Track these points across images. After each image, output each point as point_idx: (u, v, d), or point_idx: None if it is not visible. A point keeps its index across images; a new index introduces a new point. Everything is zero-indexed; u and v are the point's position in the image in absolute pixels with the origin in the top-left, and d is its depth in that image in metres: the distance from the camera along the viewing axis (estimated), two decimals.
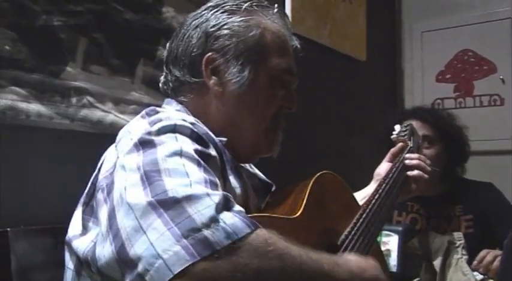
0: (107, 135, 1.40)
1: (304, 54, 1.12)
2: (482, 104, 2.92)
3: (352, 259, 0.88)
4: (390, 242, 1.61)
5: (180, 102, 1.04)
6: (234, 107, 1.01)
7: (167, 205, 0.71)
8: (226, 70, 1.00)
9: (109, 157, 0.93)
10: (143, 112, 0.96)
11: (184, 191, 0.72)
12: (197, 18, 1.04)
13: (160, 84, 1.10)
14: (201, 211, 0.69)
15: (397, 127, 1.57)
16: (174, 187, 0.73)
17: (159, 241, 0.68)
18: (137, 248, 0.69)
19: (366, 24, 2.73)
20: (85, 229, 0.91)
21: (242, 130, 1.02)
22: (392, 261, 1.58)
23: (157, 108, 0.98)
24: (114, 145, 0.95)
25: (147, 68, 1.56)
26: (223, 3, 1.04)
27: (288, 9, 2.17)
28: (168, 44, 1.09)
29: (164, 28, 1.62)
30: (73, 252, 0.92)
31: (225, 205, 0.73)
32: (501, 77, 2.85)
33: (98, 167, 0.96)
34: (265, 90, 1.02)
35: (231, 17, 1.00)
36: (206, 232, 0.68)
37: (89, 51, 1.40)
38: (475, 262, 1.58)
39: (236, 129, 1.01)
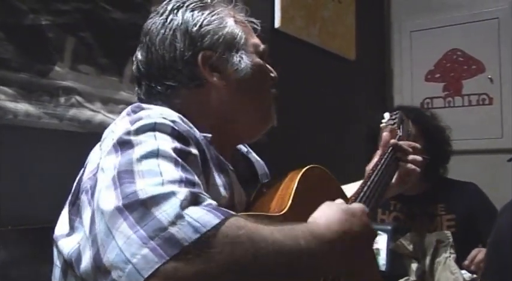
0: (96, 134, 1.39)
1: (293, 53, 1.12)
2: (471, 103, 2.93)
3: (332, 223, 0.84)
4: (379, 241, 1.62)
5: (163, 100, 1.01)
6: (241, 93, 1.02)
7: (132, 207, 0.70)
8: (224, 64, 1.01)
9: (93, 157, 0.93)
10: (128, 109, 0.95)
11: (154, 190, 0.71)
12: (165, 24, 1.02)
13: (137, 97, 1.06)
14: (166, 210, 0.68)
15: (387, 115, 1.56)
16: (144, 186, 0.72)
17: (126, 245, 0.67)
18: (109, 254, 0.68)
19: (355, 24, 2.73)
20: (72, 229, 0.91)
21: (249, 111, 1.05)
22: (381, 260, 1.59)
23: (143, 105, 0.97)
24: (99, 144, 0.95)
25: None
26: (183, 2, 1.03)
27: (277, 9, 2.17)
28: (139, 57, 1.06)
29: None
30: (60, 251, 0.92)
31: (192, 201, 0.71)
32: (489, 76, 2.87)
33: (83, 167, 0.96)
34: (261, 67, 1.06)
35: (203, 14, 1.01)
36: (172, 230, 0.66)
37: (77, 51, 1.40)
38: (466, 261, 1.59)
39: (241, 114, 1.03)
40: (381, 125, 1.52)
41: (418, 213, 1.92)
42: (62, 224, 0.95)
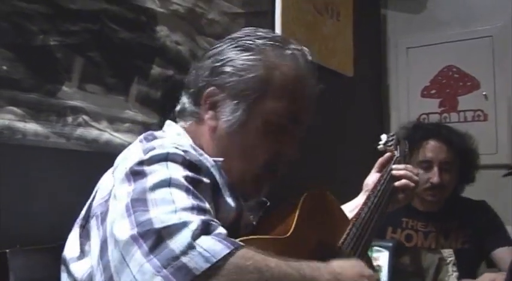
0: (102, 153, 1.43)
1: None
2: (466, 120, 2.96)
3: (333, 262, 0.89)
4: (380, 258, 1.64)
5: (182, 126, 1.06)
6: (224, 143, 1.00)
7: (147, 236, 0.72)
8: (221, 108, 1.00)
9: (105, 183, 0.95)
10: (141, 136, 0.97)
11: (168, 219, 0.73)
12: (214, 48, 1.05)
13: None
14: (179, 240, 0.71)
15: (384, 137, 1.59)
16: (158, 214, 0.74)
17: (140, 273, 0.70)
18: None
19: (353, 41, 2.77)
20: (82, 253, 0.93)
21: (231, 166, 0.99)
22: (383, 277, 1.60)
23: (155, 133, 1.00)
24: (111, 170, 0.96)
25: (141, 87, 1.57)
26: (241, 37, 1.03)
27: (278, 24, 2.20)
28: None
29: (158, 47, 1.64)
30: (70, 274, 0.93)
31: (203, 230, 0.73)
32: (484, 93, 2.90)
33: (94, 192, 0.98)
34: (256, 133, 0.99)
35: (240, 54, 1.00)
36: (184, 259, 0.69)
37: (84, 70, 1.42)
38: None
39: (228, 160, 0.98)
40: (379, 147, 1.56)
41: (434, 230, 1.94)
42: (72, 247, 0.96)
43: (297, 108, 1.02)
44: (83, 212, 0.97)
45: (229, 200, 0.95)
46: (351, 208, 1.33)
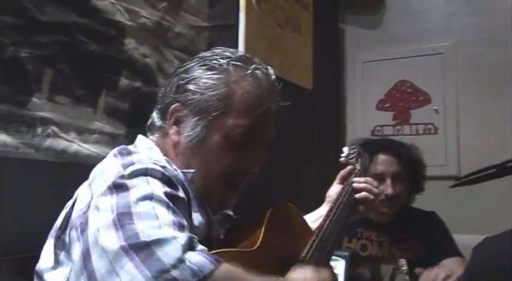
0: (71, 164, 1.45)
1: None
2: (418, 132, 3.10)
3: (293, 275, 0.96)
4: (337, 267, 1.71)
5: (151, 140, 1.11)
6: (186, 158, 1.05)
7: (138, 248, 0.77)
8: (184, 122, 1.05)
9: (82, 195, 0.97)
10: (115, 151, 1.01)
11: (154, 233, 0.78)
12: (183, 66, 1.10)
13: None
14: (169, 253, 0.76)
15: (345, 149, 1.64)
16: (144, 229, 0.79)
17: None
18: None
19: (312, 54, 2.86)
20: (57, 263, 0.95)
21: (198, 176, 1.04)
22: None
23: (129, 148, 1.03)
24: (87, 183, 0.99)
25: (109, 98, 1.60)
26: (208, 57, 1.08)
27: (241, 41, 2.26)
28: None
29: (126, 59, 1.67)
30: None
31: (190, 245, 0.79)
32: (435, 107, 3.04)
33: (71, 204, 1.00)
34: (215, 148, 1.04)
35: (204, 73, 1.04)
36: (174, 273, 0.74)
37: (54, 82, 1.44)
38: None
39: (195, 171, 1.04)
40: (341, 159, 1.63)
41: (388, 240, 2.04)
42: (46, 257, 0.98)
43: (257, 125, 1.06)
44: (58, 223, 0.99)
45: (199, 214, 1.00)
46: (313, 219, 1.38)
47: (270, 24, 2.48)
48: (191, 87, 1.04)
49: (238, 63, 1.06)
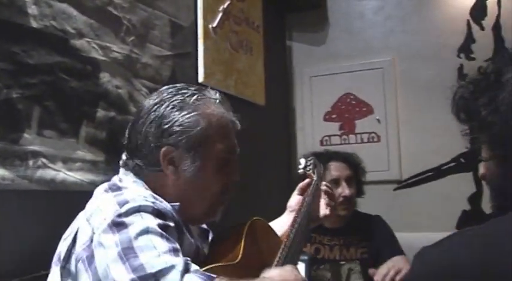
0: (59, 192, 1.60)
1: None
2: (362, 141, 3.34)
3: (274, 275, 1.14)
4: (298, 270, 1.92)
5: (134, 174, 1.23)
6: (187, 190, 1.21)
7: (145, 279, 0.93)
8: (180, 161, 1.19)
9: (82, 229, 1.10)
10: (106, 186, 1.18)
11: (156, 263, 0.95)
12: (151, 112, 1.20)
13: (121, 163, 1.27)
14: (171, 280, 0.93)
15: (302, 161, 1.81)
16: (148, 260, 0.95)
17: None
18: None
19: (263, 72, 3.07)
20: None
21: (194, 206, 1.22)
22: None
23: (117, 183, 1.20)
24: (84, 217, 1.12)
25: (89, 129, 1.76)
26: (170, 98, 1.21)
27: (200, 66, 2.44)
28: (127, 131, 1.25)
29: (102, 92, 1.83)
30: None
31: (186, 269, 0.96)
32: (377, 117, 3.30)
33: (72, 236, 1.11)
34: (213, 173, 1.22)
35: (180, 113, 1.18)
36: None
37: (41, 118, 1.58)
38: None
39: (188, 204, 1.20)
40: (299, 171, 1.81)
41: (338, 243, 2.27)
42: None
43: (232, 142, 1.26)
44: (62, 254, 1.11)
45: (189, 237, 1.18)
46: (277, 227, 1.55)
47: (225, 49, 2.67)
48: (176, 129, 1.18)
49: (200, 96, 1.24)
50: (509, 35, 3.00)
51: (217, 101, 1.26)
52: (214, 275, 0.98)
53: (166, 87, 1.27)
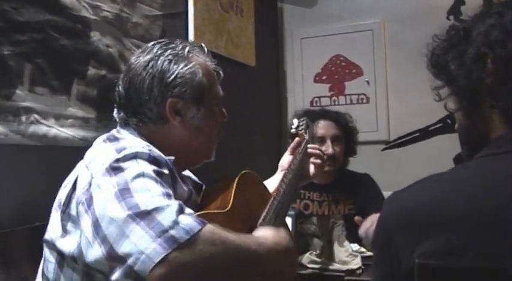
0: (51, 147, 1.65)
1: None
2: (352, 102, 3.40)
3: (268, 237, 1.18)
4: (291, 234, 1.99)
5: (134, 129, 1.28)
6: (194, 135, 1.29)
7: (141, 215, 0.98)
8: (186, 111, 1.26)
9: (82, 175, 1.14)
10: (104, 137, 1.22)
11: (151, 203, 0.99)
12: (147, 68, 1.24)
13: (118, 119, 1.30)
14: (166, 218, 0.98)
15: (295, 121, 1.85)
16: (142, 200, 1.00)
17: (140, 242, 0.95)
18: (124, 248, 0.96)
19: (254, 34, 3.09)
20: (65, 232, 1.14)
21: (198, 148, 1.31)
22: None
23: (115, 134, 1.25)
24: (84, 164, 1.17)
25: (80, 87, 1.80)
26: (164, 52, 1.25)
27: (191, 27, 2.47)
28: (120, 90, 1.27)
29: (92, 50, 1.86)
30: (55, 249, 1.15)
31: (180, 210, 1.01)
32: (366, 79, 3.35)
33: (71, 183, 1.17)
34: (216, 115, 1.33)
35: (179, 66, 1.24)
36: (172, 232, 0.96)
37: (33, 75, 1.62)
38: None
39: (193, 148, 1.30)
40: (291, 130, 1.86)
41: (327, 199, 2.35)
42: (54, 228, 1.17)
43: (218, 86, 1.35)
44: (62, 199, 1.16)
45: (182, 185, 1.23)
46: (270, 185, 1.59)
47: (215, 9, 2.69)
48: (178, 81, 1.24)
49: (191, 47, 1.30)
50: None
51: (204, 51, 1.34)
52: (206, 221, 1.03)
53: (151, 43, 1.31)
